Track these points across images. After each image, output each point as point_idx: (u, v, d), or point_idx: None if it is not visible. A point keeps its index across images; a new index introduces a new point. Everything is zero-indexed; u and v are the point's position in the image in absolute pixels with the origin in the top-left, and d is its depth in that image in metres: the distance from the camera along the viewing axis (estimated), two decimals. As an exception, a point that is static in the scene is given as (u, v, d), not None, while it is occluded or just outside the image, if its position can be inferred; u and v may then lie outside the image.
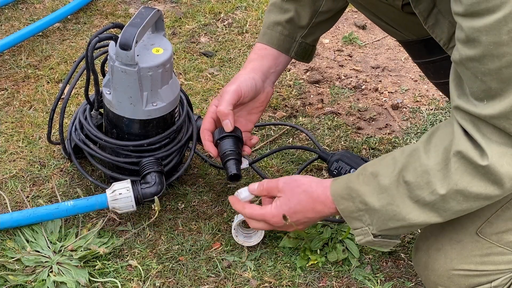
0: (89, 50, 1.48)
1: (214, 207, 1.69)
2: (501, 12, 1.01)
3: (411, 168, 1.21)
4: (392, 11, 1.44)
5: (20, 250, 1.52)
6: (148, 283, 1.49)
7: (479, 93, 1.10)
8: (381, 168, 1.27)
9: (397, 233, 1.33)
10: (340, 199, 1.31)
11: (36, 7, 2.43)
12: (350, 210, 1.30)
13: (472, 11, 1.04)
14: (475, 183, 1.15)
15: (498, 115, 1.09)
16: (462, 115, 1.15)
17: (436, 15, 1.30)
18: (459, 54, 1.11)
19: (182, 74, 2.14)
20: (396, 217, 1.24)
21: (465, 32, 1.07)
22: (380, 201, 1.25)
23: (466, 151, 1.14)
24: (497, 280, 1.34)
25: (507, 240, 1.31)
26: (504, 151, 1.12)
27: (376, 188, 1.26)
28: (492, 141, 1.12)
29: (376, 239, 1.31)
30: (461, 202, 1.18)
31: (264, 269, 1.54)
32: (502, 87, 1.07)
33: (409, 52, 1.68)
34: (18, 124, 1.89)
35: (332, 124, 1.97)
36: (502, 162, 1.12)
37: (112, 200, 1.52)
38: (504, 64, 1.05)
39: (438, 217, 1.22)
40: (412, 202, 1.22)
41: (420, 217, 1.22)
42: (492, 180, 1.14)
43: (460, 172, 1.15)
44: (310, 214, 1.37)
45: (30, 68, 2.11)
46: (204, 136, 1.55)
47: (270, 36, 1.62)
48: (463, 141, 1.14)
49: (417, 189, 1.20)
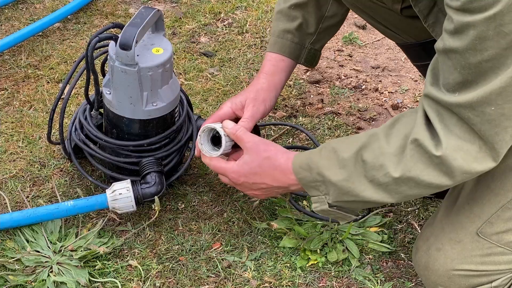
0: (89, 50, 1.48)
1: (214, 207, 1.69)
2: (492, 10, 1.03)
3: (370, 148, 1.24)
4: (391, 14, 1.44)
5: (20, 250, 1.52)
6: (148, 283, 1.49)
7: (453, 84, 1.12)
8: (342, 144, 1.30)
9: (352, 207, 1.35)
10: (299, 168, 1.34)
11: (36, 7, 2.43)
12: (308, 180, 1.33)
13: (466, 8, 1.06)
14: (427, 172, 1.17)
15: (464, 104, 1.11)
16: (429, 103, 1.17)
17: (436, 14, 1.30)
18: (443, 44, 1.12)
19: (182, 74, 2.14)
20: (351, 193, 1.27)
21: (454, 24, 1.08)
22: (337, 175, 1.28)
23: (423, 140, 1.16)
24: (497, 280, 1.34)
25: (507, 240, 1.31)
26: (461, 145, 1.14)
27: (335, 163, 1.28)
28: (452, 133, 1.14)
29: (331, 209, 1.33)
30: (412, 188, 1.21)
31: (264, 269, 1.54)
32: (477, 79, 1.09)
33: (408, 54, 1.68)
34: (18, 124, 1.89)
35: (332, 124, 1.97)
36: (456, 155, 1.14)
37: (112, 200, 1.52)
38: (485, 57, 1.06)
39: (390, 198, 1.24)
40: (367, 181, 1.24)
41: (373, 196, 1.25)
42: (444, 171, 1.17)
43: (415, 159, 1.18)
44: (268, 180, 1.39)
45: (30, 68, 2.11)
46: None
47: (281, 44, 1.63)
48: (422, 129, 1.17)
49: (372, 170, 1.23)
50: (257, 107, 1.53)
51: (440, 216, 1.39)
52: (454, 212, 1.36)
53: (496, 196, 1.30)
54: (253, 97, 1.55)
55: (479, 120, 1.11)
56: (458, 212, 1.35)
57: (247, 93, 1.55)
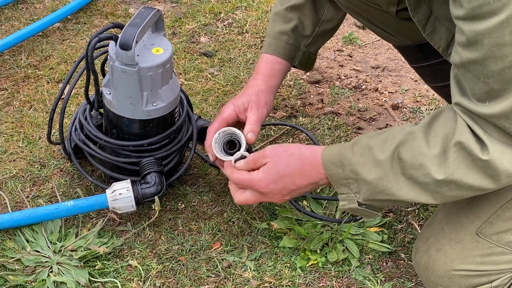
0: (89, 50, 1.48)
1: (214, 207, 1.69)
2: (503, 14, 1.01)
3: (408, 146, 1.21)
4: (386, 17, 1.44)
5: (20, 250, 1.52)
6: (148, 283, 1.49)
7: (481, 94, 1.11)
8: (377, 141, 1.26)
9: (381, 205, 1.33)
10: (330, 164, 1.30)
11: (36, 7, 2.43)
12: (339, 177, 1.29)
13: (474, 15, 1.04)
14: (471, 175, 1.16)
15: (498, 115, 1.10)
16: (463, 111, 1.15)
17: (433, 22, 1.30)
18: (459, 58, 1.11)
19: (182, 74, 2.14)
20: (386, 191, 1.25)
21: (466, 36, 1.07)
22: (372, 174, 1.25)
23: (467, 143, 1.14)
24: (497, 280, 1.34)
25: (507, 240, 1.31)
26: (505, 149, 1.12)
27: (370, 160, 1.25)
28: (493, 138, 1.13)
29: (360, 207, 1.31)
30: (453, 189, 1.19)
31: (264, 269, 1.54)
32: (505, 87, 1.07)
33: (405, 56, 1.68)
34: (18, 124, 1.89)
35: (332, 124, 1.97)
36: (503, 159, 1.13)
37: (112, 200, 1.52)
38: (507, 64, 1.05)
39: (428, 197, 1.22)
40: (405, 178, 1.22)
41: (409, 195, 1.23)
42: (489, 175, 1.15)
43: (458, 162, 1.15)
44: (298, 179, 1.34)
45: (30, 68, 2.11)
46: (209, 138, 1.52)
47: (276, 45, 1.63)
48: (465, 132, 1.14)
49: (411, 168, 1.20)
50: (261, 110, 1.53)
51: (440, 216, 1.39)
52: (453, 212, 1.36)
53: (496, 196, 1.29)
54: (256, 100, 1.54)
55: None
56: (458, 212, 1.35)
57: (249, 96, 1.55)
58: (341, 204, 1.33)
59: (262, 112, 1.53)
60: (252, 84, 1.59)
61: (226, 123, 1.50)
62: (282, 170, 1.34)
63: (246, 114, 1.53)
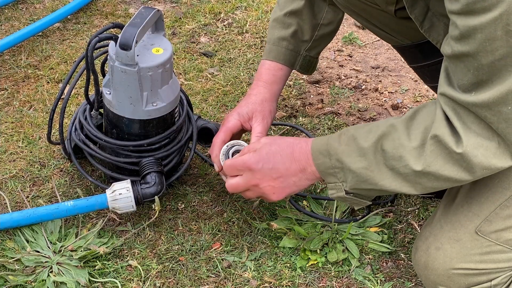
0: (89, 50, 1.48)
1: (214, 207, 1.69)
2: (497, 10, 1.03)
3: (390, 137, 1.24)
4: (385, 16, 1.44)
5: (20, 250, 1.52)
6: (148, 283, 1.49)
7: (468, 85, 1.13)
8: (362, 132, 1.29)
9: (368, 194, 1.35)
10: (318, 154, 1.33)
11: (36, 7, 2.43)
12: (326, 166, 1.33)
13: (468, 10, 1.05)
14: (447, 168, 1.19)
15: (481, 104, 1.11)
16: (446, 101, 1.18)
17: (431, 18, 1.31)
18: (451, 49, 1.13)
19: (182, 74, 2.14)
20: (370, 181, 1.28)
21: (460, 30, 1.09)
22: (357, 163, 1.28)
23: (443, 136, 1.17)
24: (497, 279, 1.34)
25: (506, 238, 1.31)
26: (480, 142, 1.15)
27: (354, 150, 1.28)
28: (470, 130, 1.15)
29: (347, 196, 1.34)
30: (432, 180, 1.22)
31: (264, 269, 1.54)
32: (492, 78, 1.09)
33: (404, 57, 1.68)
34: (18, 124, 1.89)
35: (332, 124, 1.97)
36: (477, 152, 1.15)
37: (112, 200, 1.52)
38: (497, 57, 1.07)
39: (409, 187, 1.25)
40: (388, 169, 1.25)
41: (392, 185, 1.26)
42: (464, 167, 1.18)
43: (435, 155, 1.19)
44: (287, 159, 1.36)
45: (30, 68, 2.11)
46: (216, 149, 1.53)
47: (276, 52, 1.64)
48: (442, 125, 1.18)
49: (392, 159, 1.24)
50: (266, 119, 1.56)
51: (439, 215, 1.39)
52: (452, 211, 1.36)
53: (494, 194, 1.30)
54: (261, 109, 1.56)
55: (496, 119, 1.12)
56: (457, 211, 1.35)
57: (253, 105, 1.57)
58: (329, 193, 1.36)
59: (267, 122, 1.56)
60: (256, 92, 1.60)
61: (231, 132, 1.53)
62: (274, 149, 1.38)
63: (250, 123, 1.55)
